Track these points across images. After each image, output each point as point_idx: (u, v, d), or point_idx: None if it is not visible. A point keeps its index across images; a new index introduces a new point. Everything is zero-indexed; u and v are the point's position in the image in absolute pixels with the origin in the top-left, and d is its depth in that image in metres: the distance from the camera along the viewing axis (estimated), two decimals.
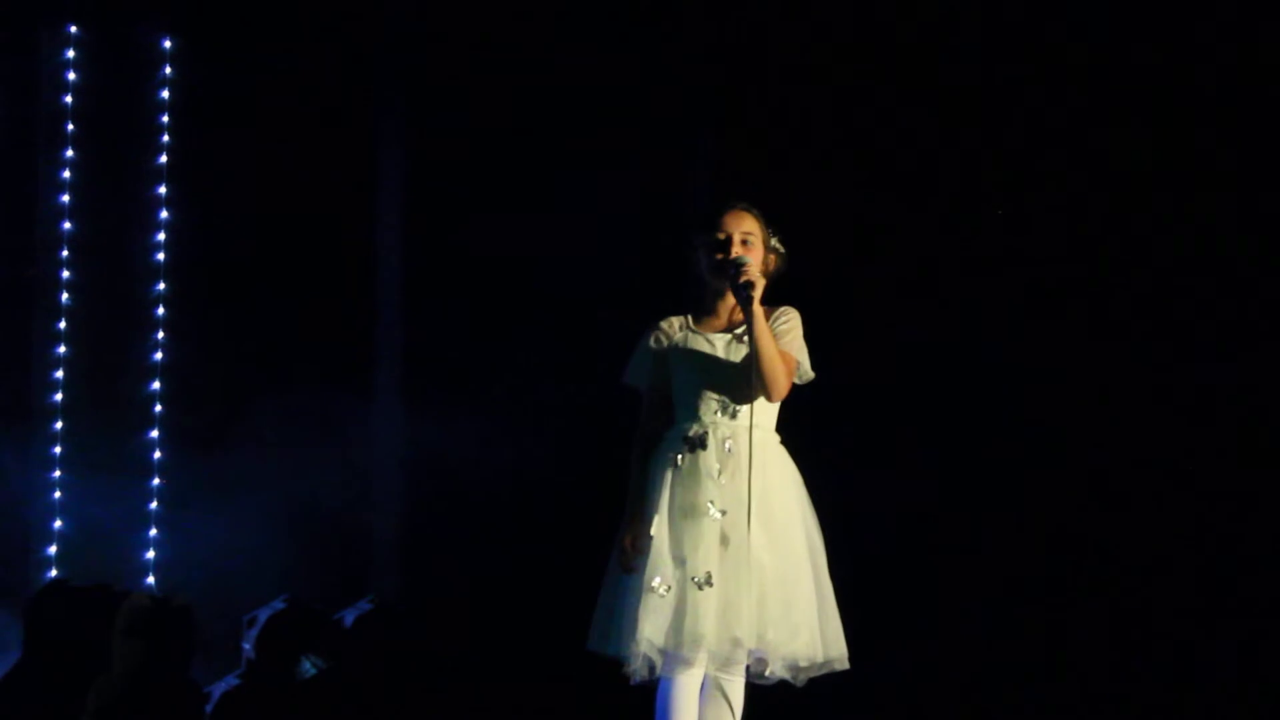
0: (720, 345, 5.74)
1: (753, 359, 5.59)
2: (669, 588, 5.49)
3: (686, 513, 5.58)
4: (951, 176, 6.69)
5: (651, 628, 5.47)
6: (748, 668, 5.59)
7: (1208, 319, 6.32)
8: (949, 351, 6.62)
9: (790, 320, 5.75)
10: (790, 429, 5.78)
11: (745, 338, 5.64)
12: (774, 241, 5.79)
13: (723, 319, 5.76)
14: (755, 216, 5.77)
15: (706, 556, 5.51)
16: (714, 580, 5.48)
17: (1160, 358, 6.35)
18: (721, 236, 5.70)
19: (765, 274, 5.71)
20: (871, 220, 6.74)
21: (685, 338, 5.74)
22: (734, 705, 5.64)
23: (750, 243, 5.71)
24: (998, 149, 6.60)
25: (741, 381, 5.61)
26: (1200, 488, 6.30)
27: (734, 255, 5.67)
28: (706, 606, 5.47)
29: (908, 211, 6.70)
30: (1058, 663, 6.41)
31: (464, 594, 6.69)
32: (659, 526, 5.56)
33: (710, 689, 5.64)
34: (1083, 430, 6.46)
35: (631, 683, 5.62)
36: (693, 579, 5.48)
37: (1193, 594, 6.25)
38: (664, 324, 5.82)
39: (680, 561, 5.53)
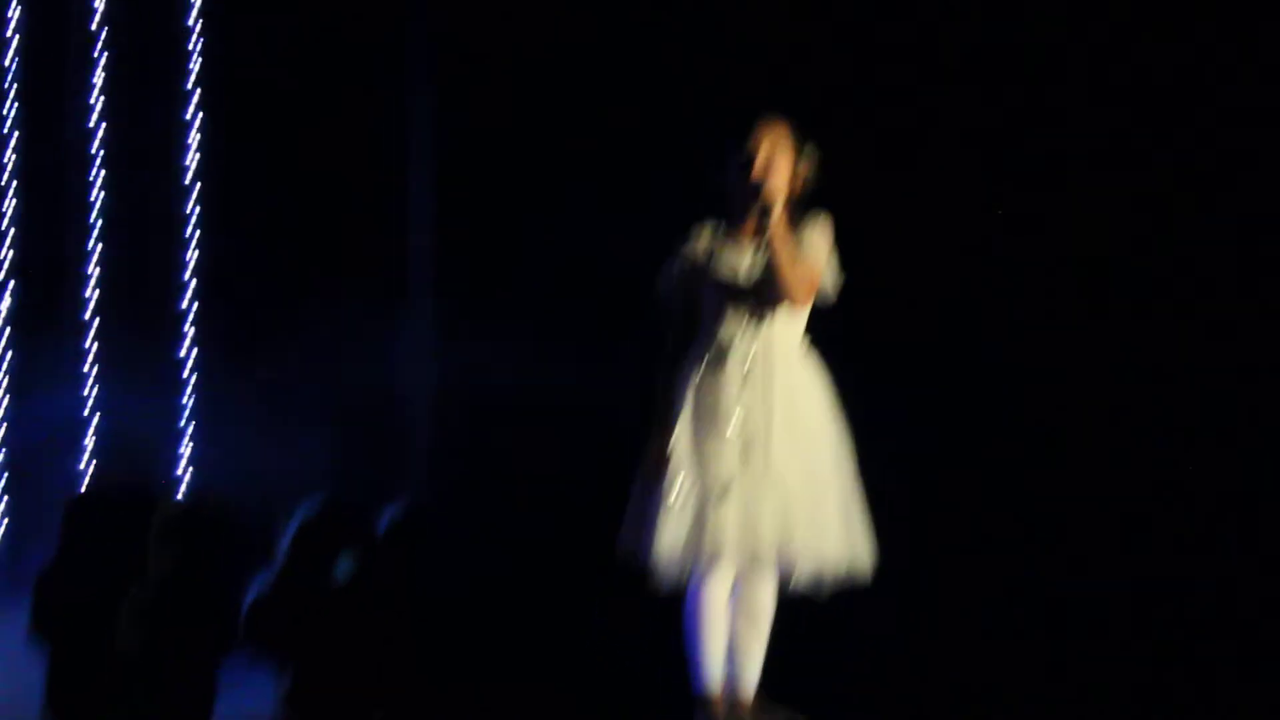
0: (748, 255, 5.75)
1: (770, 271, 5.61)
2: (688, 498, 5.53)
3: (708, 423, 5.60)
4: None
5: (670, 539, 5.51)
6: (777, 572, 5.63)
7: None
8: (983, 259, 6.61)
9: (818, 229, 5.76)
10: (820, 338, 5.81)
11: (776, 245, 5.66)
12: (806, 149, 5.80)
13: (756, 226, 5.78)
14: (786, 128, 5.77)
15: (726, 467, 5.54)
16: (734, 489, 5.51)
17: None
18: (747, 152, 5.72)
19: (794, 186, 5.73)
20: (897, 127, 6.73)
21: (715, 247, 5.75)
22: (764, 612, 5.68)
23: (776, 161, 5.72)
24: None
25: (766, 292, 5.64)
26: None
27: (756, 175, 5.69)
28: (727, 516, 5.50)
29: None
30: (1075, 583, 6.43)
31: (496, 497, 6.74)
32: (680, 437, 5.59)
33: (739, 596, 5.68)
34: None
35: (662, 590, 5.67)
36: (712, 490, 5.51)
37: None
38: (694, 233, 5.84)
39: (700, 472, 5.56)
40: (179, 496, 7.12)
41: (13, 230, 7.41)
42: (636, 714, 6.07)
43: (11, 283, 7.38)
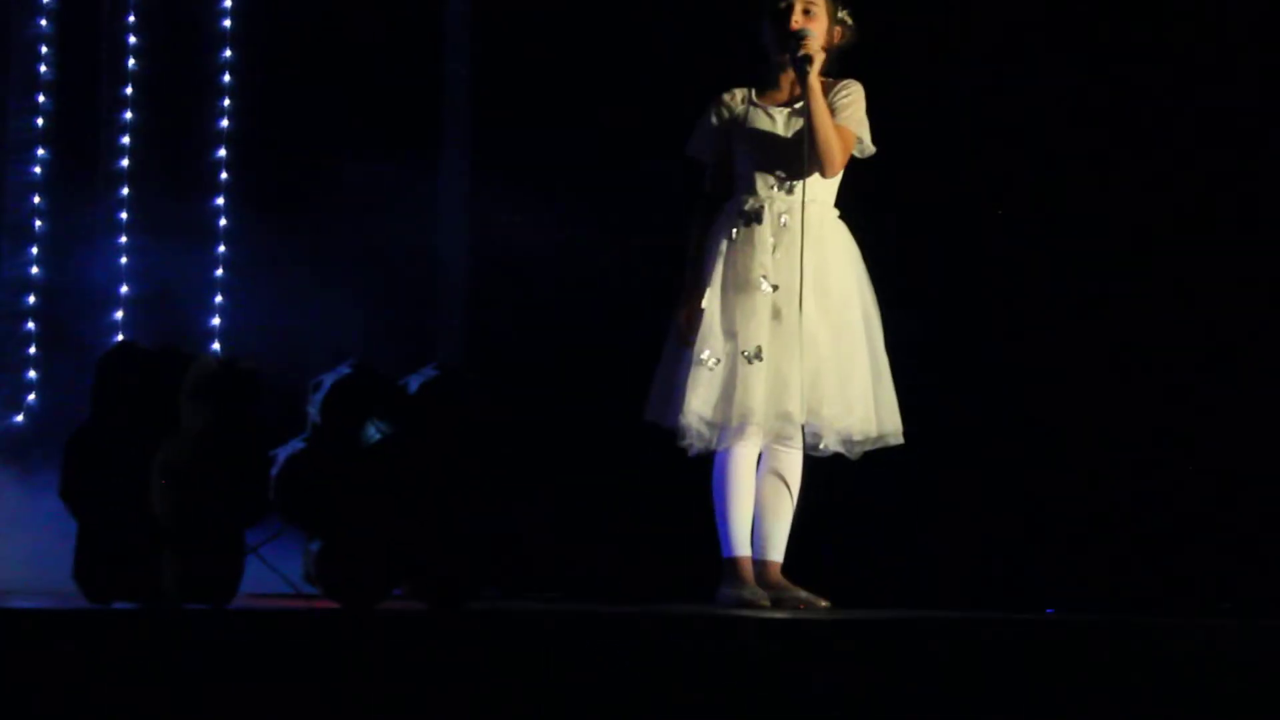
0: (780, 119, 5.73)
1: (806, 133, 5.58)
2: (718, 360, 5.54)
3: (739, 287, 5.61)
4: None
5: (700, 401, 5.53)
6: (805, 441, 5.65)
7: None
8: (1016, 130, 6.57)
9: (851, 94, 5.73)
10: (854, 203, 5.79)
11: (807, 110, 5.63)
12: (841, 14, 5.75)
13: (785, 92, 5.76)
14: None
15: (758, 330, 5.55)
16: (764, 354, 5.51)
17: None
18: (782, 5, 5.68)
19: (829, 47, 5.69)
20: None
21: (747, 111, 5.73)
22: (790, 479, 5.72)
23: (813, 13, 5.68)
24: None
25: (798, 156, 5.62)
26: None
27: (795, 27, 5.65)
28: (756, 380, 5.51)
29: None
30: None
31: (528, 365, 6.76)
32: (710, 300, 5.60)
33: (767, 462, 5.71)
34: None
35: (690, 454, 5.69)
36: (743, 353, 5.52)
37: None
38: (726, 96, 5.81)
39: (731, 335, 5.57)
40: (212, 352, 7.15)
41: (49, 79, 7.38)
42: (666, 577, 6.11)
43: (46, 134, 7.36)
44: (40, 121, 7.32)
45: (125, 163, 7.37)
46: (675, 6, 6.91)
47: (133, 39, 7.41)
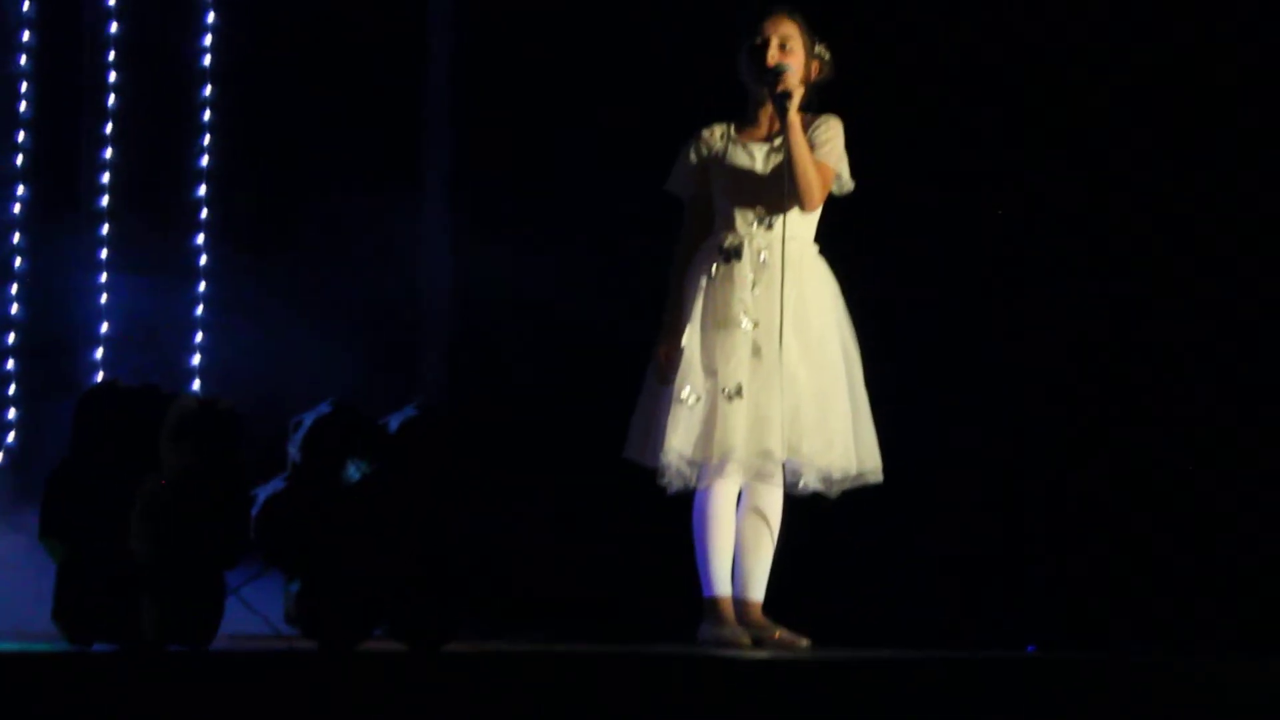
0: (760, 155, 5.74)
1: (786, 169, 5.59)
2: (698, 398, 5.54)
3: (719, 323, 5.61)
4: None
5: (680, 439, 5.53)
6: (785, 479, 5.64)
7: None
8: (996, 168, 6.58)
9: (830, 129, 5.74)
10: (832, 240, 5.79)
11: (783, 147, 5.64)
12: (818, 48, 5.77)
13: (764, 127, 5.77)
14: (797, 22, 5.75)
15: (738, 367, 5.55)
16: (744, 391, 5.51)
17: None
18: (759, 42, 5.69)
19: (806, 82, 5.70)
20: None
21: (726, 147, 5.74)
22: (771, 517, 5.71)
23: (790, 47, 5.70)
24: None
25: (777, 192, 5.62)
26: None
27: (772, 63, 5.66)
28: (736, 417, 5.51)
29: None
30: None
31: (509, 403, 6.75)
32: (690, 337, 5.60)
33: (747, 500, 5.71)
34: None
35: (668, 493, 5.69)
36: (723, 390, 5.52)
37: None
38: (705, 132, 5.82)
39: (711, 372, 5.57)
40: (193, 391, 7.14)
41: (29, 117, 7.37)
42: (646, 617, 6.10)
43: (26, 172, 7.35)
44: (20, 159, 7.31)
45: (106, 200, 7.37)
46: (655, 48, 6.92)
47: (113, 76, 7.42)
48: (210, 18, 7.50)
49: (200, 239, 7.41)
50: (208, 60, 7.49)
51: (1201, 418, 6.23)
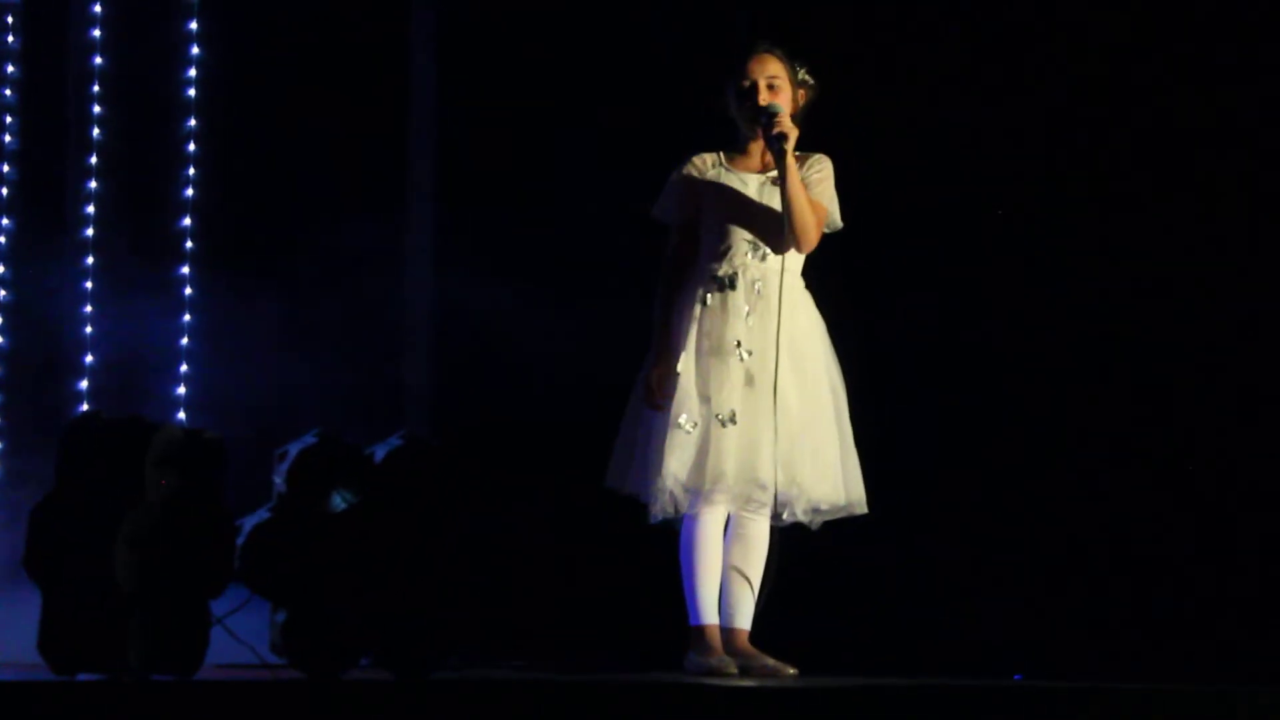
0: (753, 185, 5.74)
1: (785, 211, 5.60)
2: (695, 424, 5.53)
3: (713, 351, 5.60)
4: None
5: (677, 464, 5.52)
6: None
7: None
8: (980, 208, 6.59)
9: (822, 170, 5.75)
10: (814, 274, 5.80)
11: (778, 182, 5.65)
12: (802, 74, 5.78)
13: (755, 160, 5.77)
14: (779, 57, 5.75)
15: (730, 395, 5.54)
16: (738, 419, 5.51)
17: None
18: (746, 84, 5.70)
19: (796, 114, 5.71)
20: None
21: (719, 174, 5.74)
22: (759, 546, 5.70)
23: (777, 86, 5.71)
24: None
25: (773, 226, 5.64)
26: None
27: (763, 102, 5.67)
28: (729, 445, 5.51)
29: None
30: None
31: (493, 432, 6.75)
32: (685, 364, 5.59)
33: (735, 529, 5.70)
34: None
35: (652, 521, 5.67)
36: (717, 416, 5.52)
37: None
38: (695, 159, 5.81)
39: (705, 399, 5.56)
40: (178, 421, 7.13)
41: (14, 149, 7.38)
42: (633, 647, 6.09)
43: (11, 203, 7.35)
44: (5, 191, 7.32)
45: (90, 232, 7.38)
46: (642, 69, 6.93)
47: (97, 109, 7.43)
48: (193, 50, 7.50)
49: (185, 269, 7.42)
50: (191, 92, 7.50)
51: (1201, 446, 6.23)
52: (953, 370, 6.53)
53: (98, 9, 7.45)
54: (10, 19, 7.34)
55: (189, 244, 7.43)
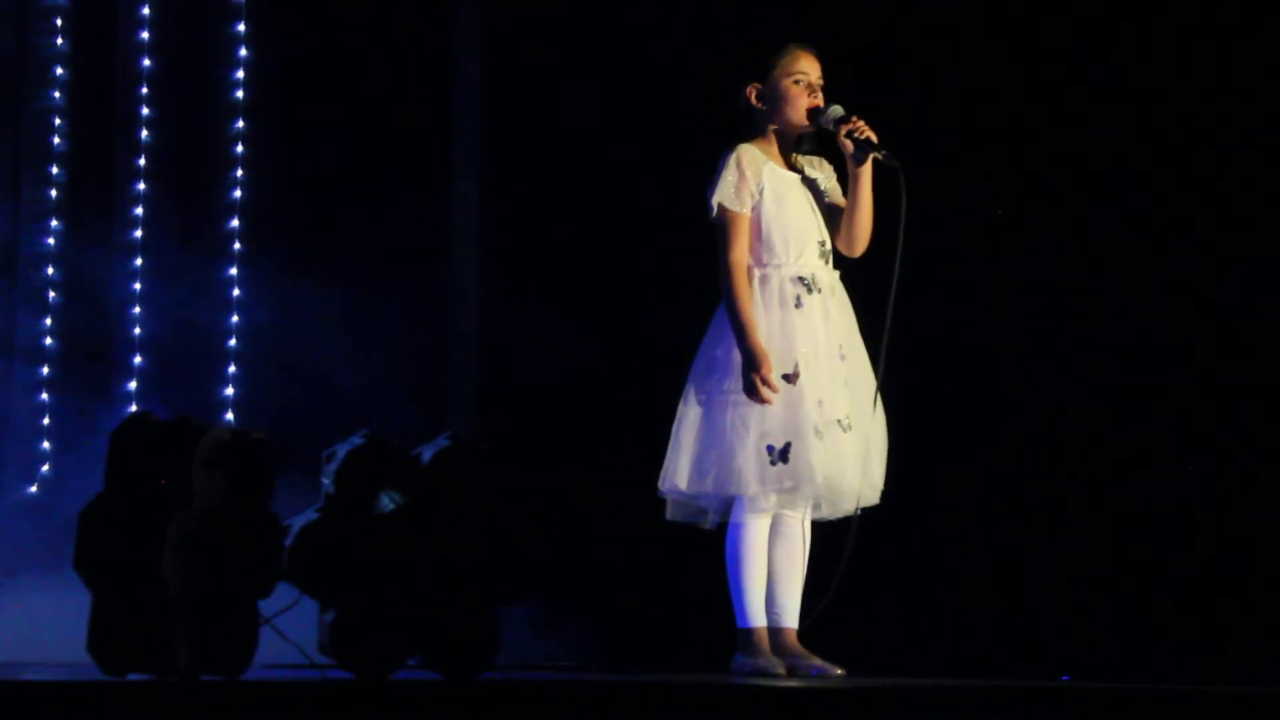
0: (795, 184, 5.74)
1: (853, 214, 5.61)
2: (849, 427, 5.51)
3: (817, 354, 5.57)
4: None
5: (822, 465, 5.46)
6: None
7: None
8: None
9: (833, 173, 5.78)
10: None
11: (814, 179, 5.65)
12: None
13: (783, 159, 5.75)
14: (819, 58, 5.75)
15: (839, 399, 5.54)
16: (853, 424, 5.51)
17: None
18: (797, 81, 5.67)
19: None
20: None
21: (772, 170, 5.72)
22: (802, 546, 5.70)
23: (818, 88, 5.71)
24: None
25: (832, 228, 5.66)
26: None
27: (818, 103, 5.66)
28: (849, 449, 5.50)
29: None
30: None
31: (541, 434, 6.76)
32: (806, 365, 5.54)
33: (777, 528, 5.68)
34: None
35: (709, 526, 5.66)
36: (838, 422, 5.50)
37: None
38: (745, 150, 5.75)
39: (818, 403, 5.54)
40: (226, 422, 7.16)
41: (62, 151, 7.41)
42: (681, 650, 6.09)
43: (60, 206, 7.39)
44: (54, 193, 7.35)
45: (139, 234, 7.41)
46: (683, 93, 6.92)
47: (145, 110, 7.45)
48: (242, 52, 7.53)
49: (233, 271, 7.44)
50: (240, 94, 7.52)
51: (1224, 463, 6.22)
52: (996, 360, 6.52)
53: (146, 11, 7.46)
54: (59, 21, 7.36)
55: (237, 245, 7.45)
